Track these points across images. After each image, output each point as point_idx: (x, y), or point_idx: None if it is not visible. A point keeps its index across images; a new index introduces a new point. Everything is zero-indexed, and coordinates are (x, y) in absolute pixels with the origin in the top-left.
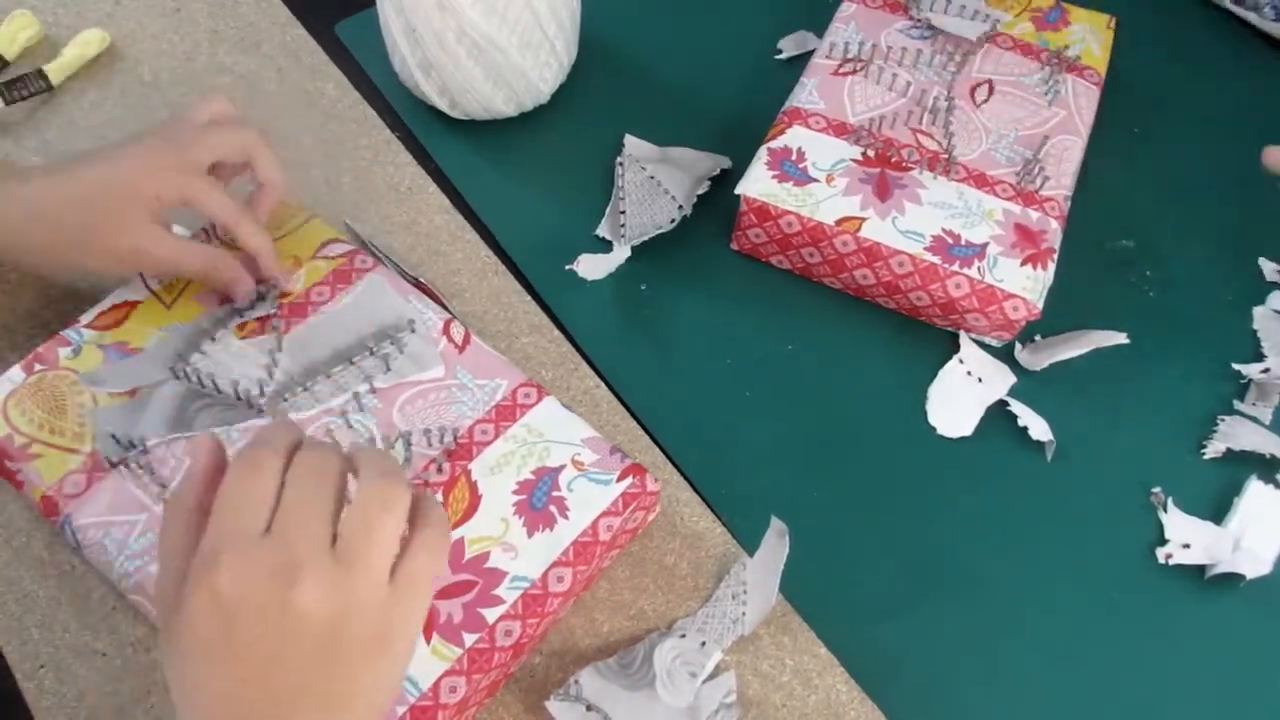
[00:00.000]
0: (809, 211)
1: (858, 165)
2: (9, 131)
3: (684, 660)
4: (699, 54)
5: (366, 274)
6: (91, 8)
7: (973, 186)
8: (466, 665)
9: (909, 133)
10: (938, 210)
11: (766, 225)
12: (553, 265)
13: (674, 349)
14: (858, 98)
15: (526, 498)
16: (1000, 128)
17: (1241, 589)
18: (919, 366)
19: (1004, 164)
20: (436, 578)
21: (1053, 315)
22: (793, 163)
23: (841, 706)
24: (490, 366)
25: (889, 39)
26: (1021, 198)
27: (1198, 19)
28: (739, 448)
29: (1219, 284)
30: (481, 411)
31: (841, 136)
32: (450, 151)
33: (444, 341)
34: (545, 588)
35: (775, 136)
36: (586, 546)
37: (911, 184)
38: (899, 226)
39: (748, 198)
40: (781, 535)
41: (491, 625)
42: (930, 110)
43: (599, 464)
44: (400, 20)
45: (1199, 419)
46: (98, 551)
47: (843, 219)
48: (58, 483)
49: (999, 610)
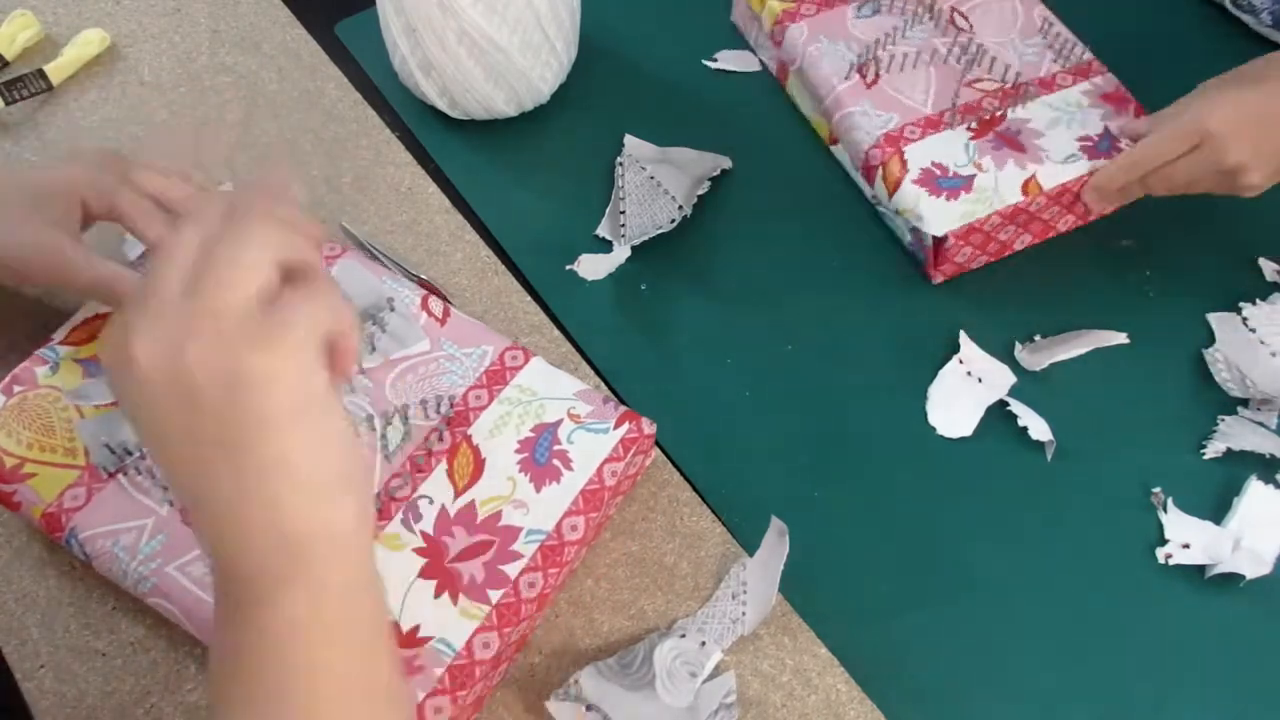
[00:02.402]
0: (999, 202)
1: (978, 140)
2: (9, 131)
3: (684, 660)
4: (699, 54)
5: (337, 260)
6: (91, 8)
7: (1048, 93)
8: (496, 620)
9: (967, 90)
10: (1056, 130)
11: (973, 239)
12: (553, 265)
13: (674, 349)
14: (906, 92)
15: (529, 455)
16: (1003, 35)
17: (1241, 589)
18: (919, 366)
19: (1038, 59)
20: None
21: (1053, 315)
22: (941, 177)
23: (841, 706)
24: (474, 334)
25: (861, 32)
26: (1075, 74)
27: (1196, 19)
28: (739, 448)
29: (1219, 284)
30: (473, 378)
31: (940, 128)
32: (450, 151)
33: (425, 316)
34: (561, 538)
35: (901, 169)
36: (595, 493)
37: (1018, 125)
38: (1055, 160)
39: (953, 233)
40: (781, 535)
41: (515, 580)
42: (957, 60)
43: (594, 414)
44: (400, 20)
45: (1199, 419)
46: (108, 561)
47: (1022, 185)
48: (57, 499)
49: (999, 610)
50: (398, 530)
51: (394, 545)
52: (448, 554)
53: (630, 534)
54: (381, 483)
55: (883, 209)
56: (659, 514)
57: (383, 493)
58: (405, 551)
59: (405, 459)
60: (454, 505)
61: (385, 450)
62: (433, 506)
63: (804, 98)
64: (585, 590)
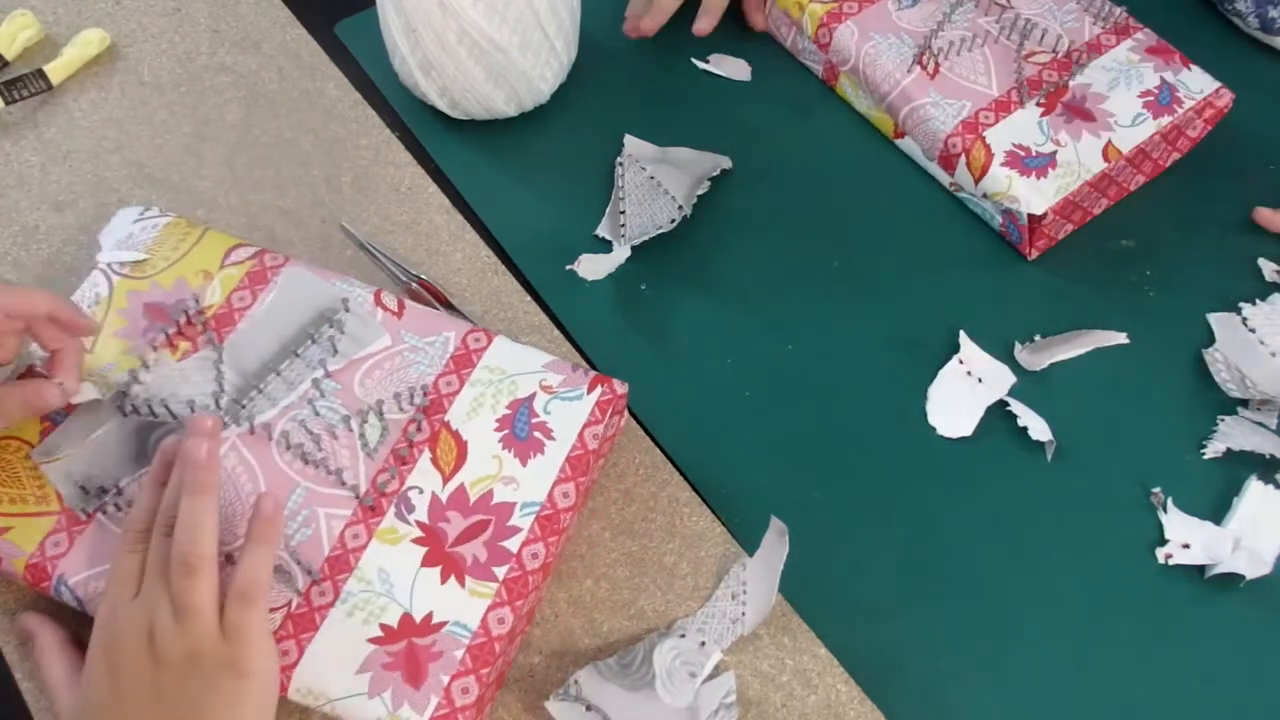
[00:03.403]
0: (1086, 173)
1: (1049, 116)
2: (9, 131)
3: (684, 660)
4: (699, 54)
5: (281, 269)
6: (91, 8)
7: (1098, 55)
8: (506, 596)
9: (1028, 65)
10: (1117, 90)
11: (1068, 212)
12: (553, 265)
13: (674, 349)
14: (969, 77)
15: (509, 431)
16: (1041, 5)
17: (1241, 589)
18: (919, 366)
19: (1080, 24)
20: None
21: (1053, 315)
22: (1026, 157)
23: (841, 706)
24: (433, 323)
25: (908, 23)
26: (1118, 34)
27: (1191, 18)
28: (739, 448)
29: (1219, 284)
30: (440, 366)
31: (1011, 109)
32: (450, 151)
33: (380, 312)
34: (554, 506)
35: (986, 154)
36: (580, 458)
37: (1081, 92)
38: (1124, 123)
39: (1052, 209)
40: (781, 535)
41: (517, 553)
42: (1008, 38)
43: (566, 383)
44: (400, 20)
45: (1199, 419)
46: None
47: (1102, 152)
48: (38, 548)
49: (999, 610)
50: (393, 524)
51: (391, 539)
52: (447, 539)
53: (630, 534)
54: (368, 480)
55: (965, 195)
56: (659, 514)
57: (371, 489)
58: (404, 543)
59: (388, 453)
60: (444, 491)
61: (366, 448)
62: (423, 495)
63: (860, 96)
64: (585, 590)
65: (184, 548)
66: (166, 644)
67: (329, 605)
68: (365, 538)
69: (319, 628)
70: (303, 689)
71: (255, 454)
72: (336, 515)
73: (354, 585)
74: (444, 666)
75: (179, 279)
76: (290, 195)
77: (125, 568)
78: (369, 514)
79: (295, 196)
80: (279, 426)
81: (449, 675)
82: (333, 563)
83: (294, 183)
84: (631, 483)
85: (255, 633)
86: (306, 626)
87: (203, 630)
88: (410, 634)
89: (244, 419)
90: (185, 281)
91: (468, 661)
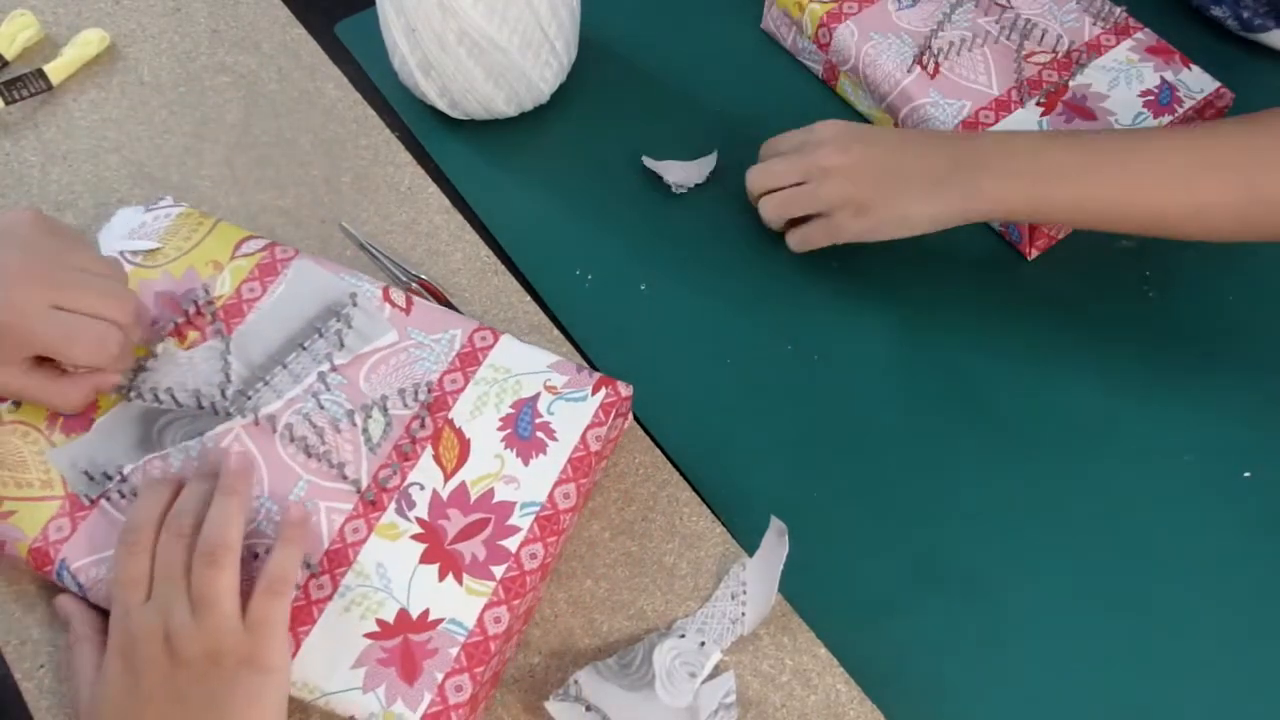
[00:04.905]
0: None
1: (1049, 115)
2: (9, 131)
3: (683, 660)
4: (699, 53)
5: (291, 261)
6: (91, 8)
7: (1098, 56)
8: (504, 595)
9: (1028, 65)
10: (1118, 89)
11: None
12: (553, 265)
13: (674, 349)
14: (969, 77)
15: (512, 430)
16: (1040, 5)
17: (1241, 588)
18: (919, 366)
19: (1080, 24)
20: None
21: (1053, 315)
22: None
23: (841, 706)
24: (440, 320)
25: (908, 23)
26: (1118, 34)
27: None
28: (739, 448)
29: (1219, 284)
30: (445, 363)
31: (1011, 109)
32: (450, 151)
33: (389, 307)
34: (555, 507)
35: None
36: (582, 460)
37: (1082, 92)
38: (1125, 121)
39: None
40: (781, 535)
41: (515, 553)
42: (1008, 38)
43: (570, 384)
44: (400, 20)
45: (1199, 419)
46: (103, 589)
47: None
48: (41, 532)
49: (999, 610)
50: (393, 520)
51: (391, 535)
52: (446, 536)
53: (630, 534)
54: (370, 475)
55: None
56: (659, 514)
57: (372, 484)
58: (404, 539)
59: (391, 449)
60: (445, 488)
61: (369, 443)
62: (424, 492)
63: (860, 96)
64: (585, 590)
65: (212, 540)
66: (185, 643)
67: (327, 599)
68: (365, 532)
69: (316, 621)
70: (298, 682)
71: (259, 446)
72: (337, 509)
73: (352, 579)
74: (439, 664)
75: (190, 269)
76: (290, 195)
77: (132, 571)
78: (370, 509)
79: (295, 196)
80: (283, 419)
81: (443, 672)
82: (332, 556)
83: (294, 183)
84: (631, 483)
85: (279, 626)
86: (304, 619)
87: (223, 624)
88: (406, 630)
89: (249, 410)
90: (196, 271)
91: (463, 659)
